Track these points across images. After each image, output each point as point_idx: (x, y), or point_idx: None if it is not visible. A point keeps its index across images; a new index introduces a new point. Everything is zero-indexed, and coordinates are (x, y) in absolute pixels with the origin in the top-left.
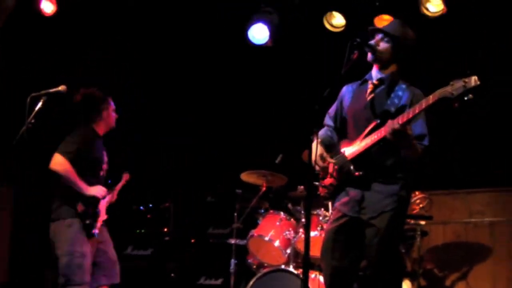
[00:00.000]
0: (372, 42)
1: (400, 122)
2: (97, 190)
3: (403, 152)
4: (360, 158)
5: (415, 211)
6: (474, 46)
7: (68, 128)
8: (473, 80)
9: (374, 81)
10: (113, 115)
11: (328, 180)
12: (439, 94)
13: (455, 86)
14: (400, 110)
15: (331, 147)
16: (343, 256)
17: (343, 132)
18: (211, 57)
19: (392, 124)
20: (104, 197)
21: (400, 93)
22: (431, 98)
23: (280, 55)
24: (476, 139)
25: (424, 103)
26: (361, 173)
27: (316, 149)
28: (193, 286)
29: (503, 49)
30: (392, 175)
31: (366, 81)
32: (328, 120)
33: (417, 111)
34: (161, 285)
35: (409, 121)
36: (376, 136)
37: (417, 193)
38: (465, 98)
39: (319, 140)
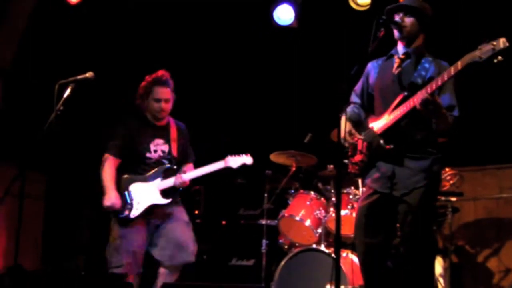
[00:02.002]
0: (397, 19)
1: (429, 90)
2: (107, 199)
3: (434, 123)
4: (389, 132)
5: (445, 188)
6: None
7: (97, 115)
8: (502, 42)
9: (401, 55)
10: (154, 105)
11: (357, 157)
12: (468, 59)
13: (483, 50)
14: (427, 82)
15: (359, 124)
16: (376, 233)
17: (370, 108)
18: (239, 39)
19: (421, 94)
20: (111, 207)
21: (426, 65)
22: (459, 64)
23: (306, 35)
24: (506, 114)
25: (453, 69)
26: (391, 146)
27: (345, 126)
28: (225, 268)
29: None
30: (422, 150)
31: (392, 56)
32: (354, 98)
33: (446, 78)
34: (193, 267)
35: (438, 89)
36: (405, 108)
37: (447, 169)
38: (495, 61)
39: (347, 117)
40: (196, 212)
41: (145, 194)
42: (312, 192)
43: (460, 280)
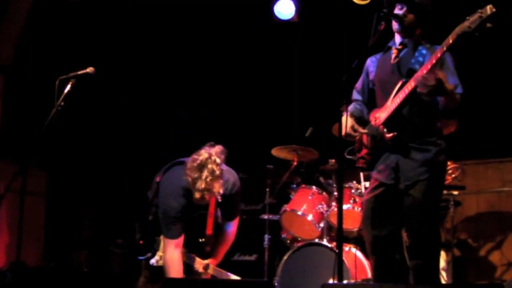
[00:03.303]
0: (400, 12)
1: (425, 70)
2: None
3: (443, 103)
4: (392, 120)
5: (447, 181)
6: None
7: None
8: (488, 8)
9: (398, 46)
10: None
11: (364, 151)
12: (458, 30)
13: (472, 20)
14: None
15: (361, 120)
16: (383, 225)
17: (372, 104)
18: (240, 34)
19: (418, 75)
20: None
21: (424, 51)
22: (450, 38)
23: (307, 29)
24: (508, 108)
25: (445, 45)
26: (395, 133)
27: (346, 122)
28: (227, 262)
29: None
30: (426, 139)
31: (389, 48)
32: (356, 95)
33: (439, 54)
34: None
35: (434, 66)
36: (404, 92)
37: (449, 163)
38: (484, 28)
39: (349, 113)
40: None
41: None
42: (314, 187)
43: (463, 274)
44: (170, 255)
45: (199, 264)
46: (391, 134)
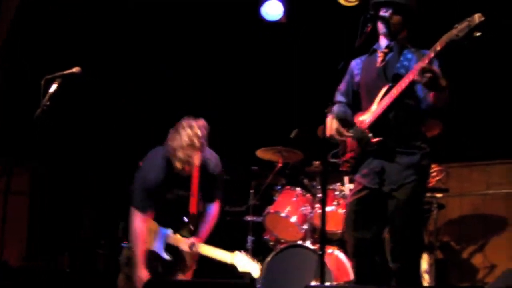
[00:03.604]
0: (386, 14)
1: (426, 61)
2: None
3: (434, 97)
4: (377, 124)
5: (431, 184)
6: None
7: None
8: (477, 17)
9: (384, 49)
10: None
11: (348, 155)
12: (446, 38)
13: (460, 28)
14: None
15: (345, 121)
16: (365, 227)
17: (356, 106)
18: (226, 35)
19: (418, 65)
20: None
21: (409, 56)
22: (438, 45)
23: (294, 30)
24: (493, 111)
25: (433, 51)
26: (380, 138)
27: (331, 123)
28: (210, 263)
29: None
30: (411, 144)
31: (375, 51)
32: (339, 97)
33: (426, 61)
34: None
35: (431, 60)
36: (398, 88)
37: (433, 166)
38: (472, 37)
39: (333, 115)
40: None
41: (155, 237)
42: (298, 189)
43: (445, 276)
44: (138, 225)
45: (184, 243)
46: (377, 139)
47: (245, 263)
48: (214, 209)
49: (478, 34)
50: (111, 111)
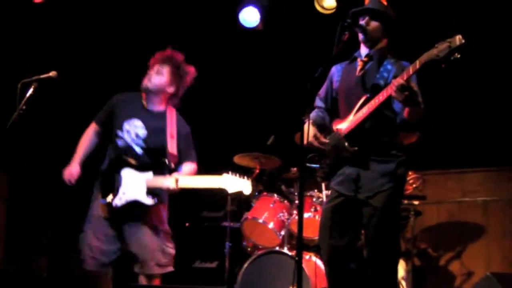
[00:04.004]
0: (362, 22)
1: (405, 77)
2: (65, 171)
3: (409, 112)
4: (354, 134)
5: (408, 191)
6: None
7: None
8: (458, 39)
9: (363, 58)
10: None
11: (323, 161)
12: (425, 57)
13: (440, 48)
14: (390, 83)
15: (323, 127)
16: (340, 235)
17: (334, 112)
18: (202, 40)
19: (397, 81)
20: (67, 181)
21: (389, 67)
22: (418, 63)
23: (271, 37)
24: (469, 119)
25: (411, 69)
26: (355, 148)
27: (308, 130)
28: (188, 270)
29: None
30: (387, 153)
31: (355, 59)
32: (318, 102)
33: (405, 77)
34: None
35: (410, 78)
36: (376, 101)
37: (410, 173)
38: (452, 58)
39: (311, 121)
40: None
41: (133, 185)
42: (275, 195)
43: (423, 283)
44: (87, 131)
45: (168, 181)
46: (353, 149)
47: (234, 183)
48: (191, 167)
49: (457, 55)
50: (91, 114)
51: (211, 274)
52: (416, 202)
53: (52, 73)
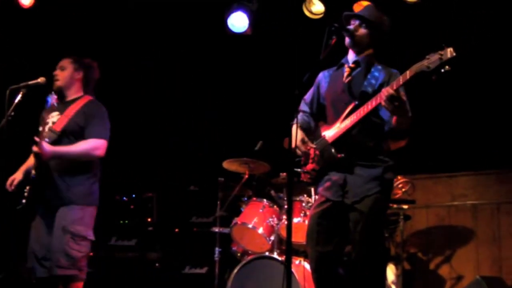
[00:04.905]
0: (350, 27)
1: (394, 87)
2: None
3: (397, 121)
4: (341, 140)
5: (397, 196)
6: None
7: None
8: (449, 52)
9: (351, 64)
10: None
11: (310, 166)
12: (416, 68)
13: (431, 60)
14: (378, 90)
15: (309, 132)
16: (327, 241)
17: (320, 117)
18: (190, 46)
19: (387, 91)
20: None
21: (376, 74)
22: (408, 73)
23: (259, 42)
24: (457, 123)
25: (401, 79)
26: (342, 155)
27: (296, 134)
28: (178, 276)
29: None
30: (374, 158)
31: (342, 65)
32: (303, 106)
33: (395, 87)
34: (146, 275)
35: (399, 88)
36: (365, 109)
37: (399, 177)
38: (442, 70)
39: (298, 124)
40: (149, 219)
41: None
42: (265, 200)
43: (412, 287)
44: None
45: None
46: (339, 155)
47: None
48: (86, 144)
49: (447, 68)
50: None
51: (201, 279)
52: (405, 206)
53: (41, 79)
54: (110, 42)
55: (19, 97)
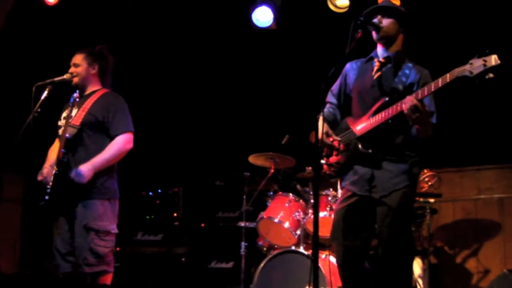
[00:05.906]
0: (375, 20)
1: (419, 97)
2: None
3: (417, 130)
4: (369, 136)
5: (424, 189)
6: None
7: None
8: (493, 59)
9: (381, 59)
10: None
11: (333, 158)
12: (457, 72)
13: (475, 65)
14: (408, 88)
15: (334, 124)
16: (355, 235)
17: (347, 109)
18: (217, 41)
19: (411, 100)
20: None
21: (407, 71)
22: (448, 76)
23: (285, 37)
24: (484, 117)
25: (441, 81)
26: (369, 151)
27: (322, 126)
28: (204, 270)
29: None
30: (401, 154)
31: (371, 59)
32: (331, 98)
33: (433, 89)
34: (172, 270)
35: (424, 98)
36: (390, 112)
37: (425, 171)
38: (486, 77)
39: (323, 116)
40: (175, 214)
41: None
42: (290, 194)
43: (439, 281)
44: None
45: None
46: (366, 151)
47: None
48: (115, 145)
49: (491, 76)
50: None
51: (227, 274)
52: (431, 200)
53: (67, 76)
54: (135, 36)
55: (45, 94)
